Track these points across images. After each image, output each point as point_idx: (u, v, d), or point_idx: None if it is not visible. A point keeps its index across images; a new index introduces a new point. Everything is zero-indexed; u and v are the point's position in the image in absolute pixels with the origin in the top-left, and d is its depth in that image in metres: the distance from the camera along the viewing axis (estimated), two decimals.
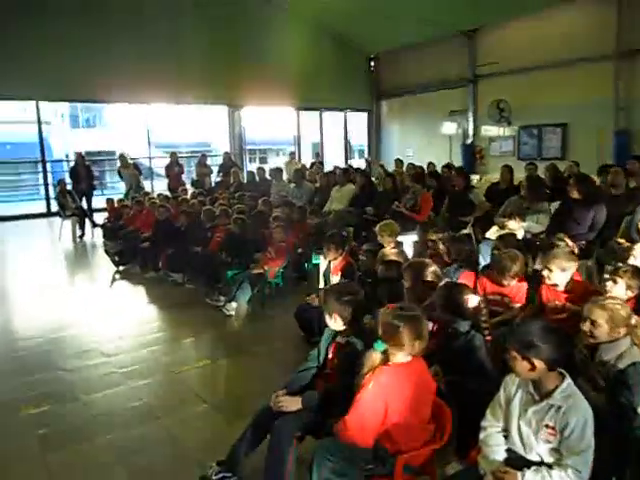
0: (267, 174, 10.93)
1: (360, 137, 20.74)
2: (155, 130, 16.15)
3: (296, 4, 15.87)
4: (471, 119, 16.42)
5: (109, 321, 5.81)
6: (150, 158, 15.95)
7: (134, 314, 6.11)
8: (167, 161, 13.09)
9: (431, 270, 3.28)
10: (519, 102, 14.91)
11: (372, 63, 19.07)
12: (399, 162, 11.44)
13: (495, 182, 8.47)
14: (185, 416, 3.77)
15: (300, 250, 6.72)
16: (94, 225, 11.22)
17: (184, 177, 13.18)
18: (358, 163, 17.09)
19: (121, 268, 8.18)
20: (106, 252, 8.55)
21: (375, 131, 19.57)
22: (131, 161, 12.88)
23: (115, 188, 20.09)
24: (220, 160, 14.20)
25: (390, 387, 2.17)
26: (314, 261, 6.86)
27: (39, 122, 14.07)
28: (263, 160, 25.41)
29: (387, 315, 2.27)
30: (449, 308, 2.92)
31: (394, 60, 18.29)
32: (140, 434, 3.55)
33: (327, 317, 2.80)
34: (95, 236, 11.15)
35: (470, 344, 2.74)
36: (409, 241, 6.91)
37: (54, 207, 13.58)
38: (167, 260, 7.52)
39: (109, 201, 10.76)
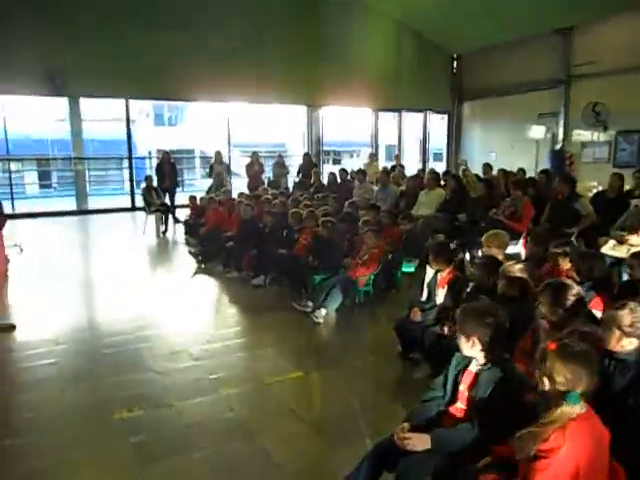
0: (349, 176, 10.62)
1: (437, 140, 20.07)
2: (233, 129, 16.25)
3: (377, 1, 15.49)
4: (562, 123, 15.43)
5: (194, 321, 5.68)
6: (230, 157, 16.01)
7: (219, 315, 5.99)
8: (246, 160, 13.03)
9: (574, 293, 2.82)
10: (617, 105, 13.84)
11: (455, 63, 18.37)
12: (488, 167, 10.82)
13: (601, 191, 7.76)
14: (281, 434, 3.50)
15: (390, 257, 6.35)
16: (177, 221, 11.31)
17: (263, 177, 13.08)
18: (439, 167, 16.51)
19: (203, 265, 8.13)
20: (189, 252, 8.50)
21: (455, 134, 18.85)
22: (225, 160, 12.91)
23: (193, 185, 20.53)
24: (296, 161, 14.08)
25: (583, 447, 1.75)
26: (404, 269, 6.48)
27: (128, 120, 14.42)
28: (337, 162, 25.22)
29: (560, 355, 1.86)
30: None
31: (479, 60, 17.53)
32: (235, 451, 3.31)
33: (463, 341, 2.43)
34: (177, 232, 11.25)
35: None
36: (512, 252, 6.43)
37: (138, 202, 13.93)
38: (251, 261, 7.35)
39: (192, 198, 10.80)
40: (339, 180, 10.86)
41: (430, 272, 4.42)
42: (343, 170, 10.91)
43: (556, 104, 15.49)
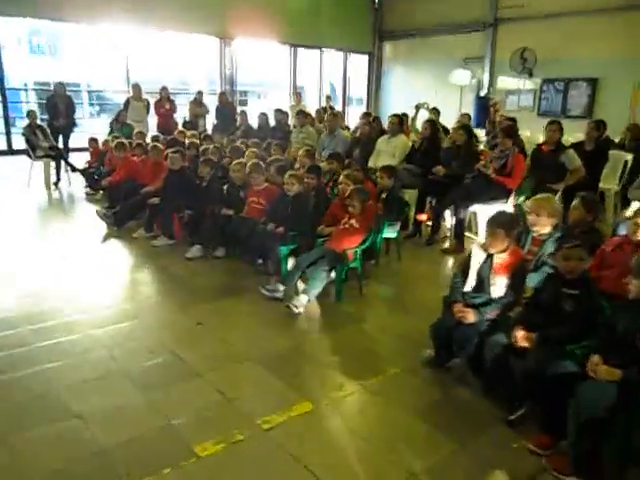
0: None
1: (355, 84, 18.62)
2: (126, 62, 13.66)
3: None
4: (487, 68, 14.64)
5: (111, 316, 4.01)
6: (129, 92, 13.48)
7: (149, 308, 4.29)
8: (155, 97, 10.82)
9: None
10: (545, 52, 13.21)
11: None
12: (436, 112, 9.64)
13: (577, 142, 6.86)
14: None
15: None
16: (73, 169, 9.05)
17: (176, 117, 10.97)
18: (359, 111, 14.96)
19: (115, 229, 6.31)
20: (96, 212, 6.56)
21: (375, 77, 17.54)
22: (145, 95, 10.53)
23: (80, 125, 17.49)
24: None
25: None
26: (385, 234, 5.18)
27: None
28: (243, 103, 22.95)
29: None
30: None
31: None
32: None
33: None
34: (73, 184, 9.03)
35: None
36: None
37: (16, 144, 11.28)
38: (186, 225, 5.68)
39: (93, 141, 8.64)
40: (272, 123, 9.17)
41: (479, 253, 3.12)
42: (279, 111, 9.17)
43: (482, 48, 14.63)
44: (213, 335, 3.76)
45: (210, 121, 11.36)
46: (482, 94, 14.70)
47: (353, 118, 11.99)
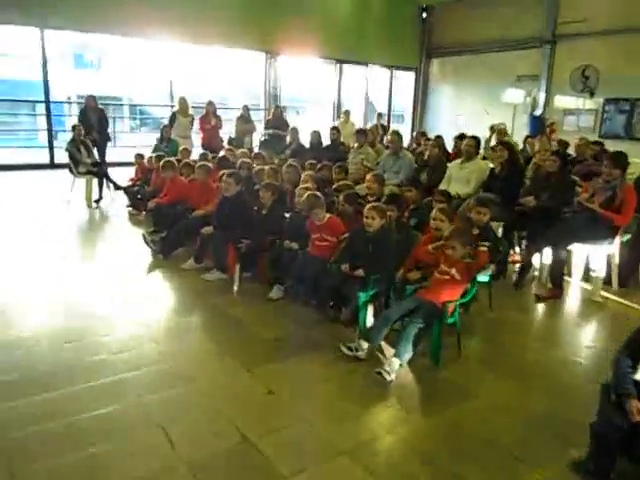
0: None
1: (396, 100, 17.78)
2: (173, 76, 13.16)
3: None
4: (543, 87, 13.70)
5: (172, 380, 3.25)
6: (172, 107, 12.96)
7: (214, 369, 3.52)
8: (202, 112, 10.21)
9: None
10: (608, 70, 12.25)
11: (425, 14, 16.10)
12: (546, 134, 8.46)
13: None
14: None
15: None
16: (116, 187, 8.46)
17: (221, 133, 10.34)
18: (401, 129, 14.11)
19: (161, 257, 5.63)
20: (143, 237, 5.87)
21: (422, 93, 16.74)
22: (191, 110, 9.97)
23: (120, 138, 17.13)
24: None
25: None
26: (479, 279, 4.32)
27: (44, 55, 11.07)
28: None
29: None
30: None
31: (452, 12, 15.37)
32: None
33: None
34: (115, 202, 8.43)
35: None
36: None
37: (58, 157, 10.84)
38: (243, 258, 4.94)
39: (139, 157, 8.04)
40: (326, 141, 8.44)
41: None
42: (335, 129, 8.44)
43: (538, 66, 13.72)
44: (288, 411, 2.97)
45: (256, 138, 10.72)
46: (537, 113, 13.77)
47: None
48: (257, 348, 3.69)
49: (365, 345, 3.50)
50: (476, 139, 6.25)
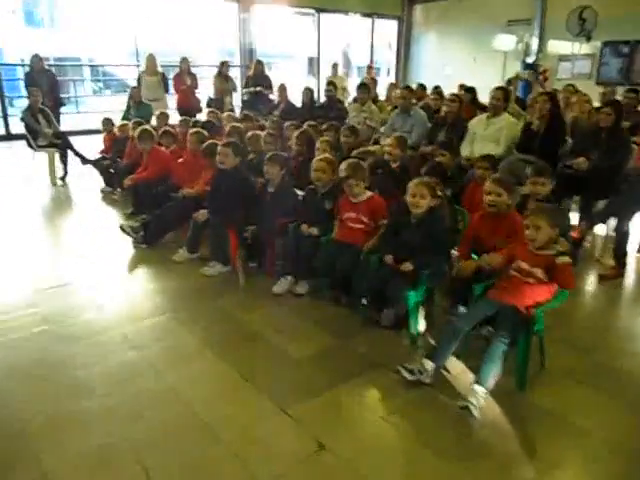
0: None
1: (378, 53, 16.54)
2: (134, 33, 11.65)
3: None
4: (536, 31, 12.71)
5: (185, 428, 2.38)
6: (138, 66, 11.57)
7: (239, 410, 2.65)
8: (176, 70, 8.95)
9: None
10: (606, 11, 11.32)
11: None
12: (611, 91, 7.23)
13: None
14: None
15: None
16: (83, 161, 7.29)
17: (197, 93, 9.14)
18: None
19: (144, 245, 4.67)
20: (121, 227, 4.86)
21: (405, 43, 15.56)
22: (160, 68, 8.70)
23: (84, 103, 15.57)
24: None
25: None
26: None
27: None
28: None
29: None
30: None
31: None
32: None
33: None
34: (82, 178, 7.29)
35: None
36: None
37: (15, 128, 9.54)
38: (250, 247, 4.03)
39: (107, 122, 6.89)
40: (320, 99, 7.40)
41: None
42: (331, 84, 7.35)
43: (530, 9, 12.69)
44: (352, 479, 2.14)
45: (236, 98, 9.55)
46: (530, 61, 12.82)
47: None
48: (289, 374, 2.83)
49: (430, 366, 2.67)
50: (505, 90, 5.32)
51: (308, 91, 7.47)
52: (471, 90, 7.03)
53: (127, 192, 5.82)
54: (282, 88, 7.86)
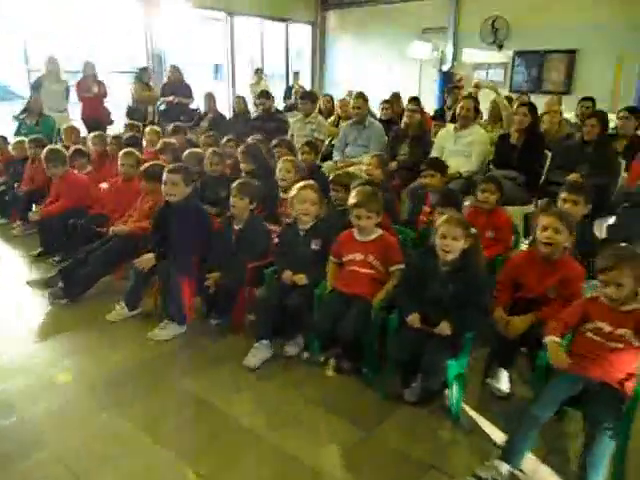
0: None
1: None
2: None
3: None
4: (451, 40, 12.72)
5: None
6: (29, 71, 9.92)
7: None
8: (77, 77, 7.63)
9: None
10: (517, 21, 11.53)
11: None
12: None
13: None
14: None
15: None
16: None
17: (106, 102, 7.86)
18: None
19: (64, 301, 3.59)
20: (27, 283, 3.71)
21: (319, 49, 15.04)
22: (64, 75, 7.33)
23: None
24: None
25: None
26: None
27: None
28: None
29: None
30: None
31: None
32: None
33: None
34: None
35: None
36: None
37: None
38: (207, 298, 3.14)
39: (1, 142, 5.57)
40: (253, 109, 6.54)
41: None
42: (265, 94, 6.44)
43: (444, 18, 12.67)
44: None
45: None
46: (445, 69, 12.80)
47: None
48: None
49: (505, 468, 1.98)
50: (474, 99, 4.81)
51: (240, 100, 6.57)
52: (416, 100, 6.54)
53: (31, 226, 4.62)
54: (210, 97, 6.89)
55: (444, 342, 2.37)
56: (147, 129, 5.86)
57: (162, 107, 8.09)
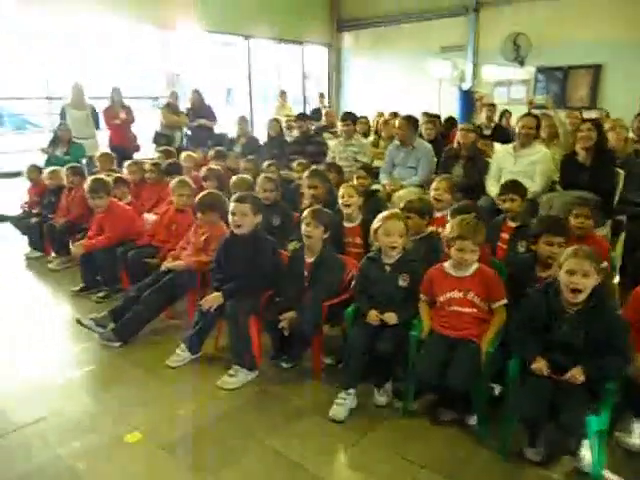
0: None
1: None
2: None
3: None
4: (470, 58, 12.56)
5: None
6: (48, 99, 9.79)
7: None
8: (104, 103, 7.44)
9: None
10: (539, 38, 11.35)
11: None
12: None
13: None
14: None
15: None
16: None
17: (132, 128, 7.66)
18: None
19: (118, 345, 3.27)
20: (78, 321, 3.41)
21: (335, 71, 14.94)
22: (88, 100, 7.17)
23: None
24: None
25: None
26: None
27: None
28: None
29: None
30: None
31: None
32: None
33: None
34: None
35: None
36: None
37: None
38: (278, 340, 2.83)
39: (34, 170, 5.31)
40: (296, 132, 6.30)
41: None
42: (304, 116, 6.22)
43: (463, 35, 12.54)
44: None
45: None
46: (465, 87, 12.61)
47: None
48: None
49: None
50: (536, 117, 4.55)
51: (276, 123, 6.33)
52: (452, 120, 6.29)
53: (69, 260, 4.36)
54: (243, 120, 6.67)
55: (582, 394, 2.05)
56: (183, 155, 5.62)
57: (188, 132, 7.90)
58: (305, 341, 2.87)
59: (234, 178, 4.31)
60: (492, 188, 4.41)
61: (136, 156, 7.21)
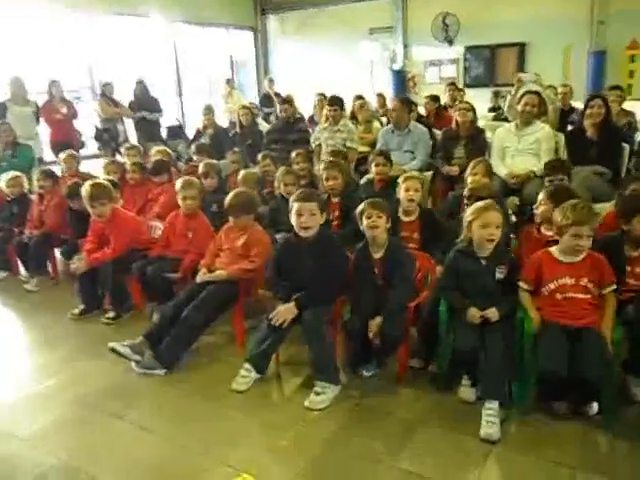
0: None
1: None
2: None
3: None
4: (400, 39, 12.64)
5: None
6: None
7: None
8: (42, 97, 6.54)
9: None
10: (466, 17, 11.68)
11: None
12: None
13: None
14: None
15: None
16: None
17: (75, 124, 6.84)
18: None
19: (164, 372, 2.86)
20: (112, 350, 2.92)
21: (263, 56, 14.44)
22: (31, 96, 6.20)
23: None
24: None
25: None
26: None
27: None
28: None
29: None
30: None
31: None
32: None
33: None
34: None
35: None
36: None
37: None
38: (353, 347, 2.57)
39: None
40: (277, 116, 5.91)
41: None
42: (286, 101, 5.80)
43: (391, 17, 12.58)
44: None
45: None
46: (396, 68, 12.71)
47: None
48: None
49: None
50: (539, 95, 4.55)
51: (248, 111, 5.89)
52: (436, 99, 6.23)
53: (50, 278, 3.77)
54: (209, 110, 6.12)
55: None
56: (153, 149, 5.06)
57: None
58: (394, 346, 2.63)
59: (242, 173, 3.92)
60: (500, 168, 4.35)
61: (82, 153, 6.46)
